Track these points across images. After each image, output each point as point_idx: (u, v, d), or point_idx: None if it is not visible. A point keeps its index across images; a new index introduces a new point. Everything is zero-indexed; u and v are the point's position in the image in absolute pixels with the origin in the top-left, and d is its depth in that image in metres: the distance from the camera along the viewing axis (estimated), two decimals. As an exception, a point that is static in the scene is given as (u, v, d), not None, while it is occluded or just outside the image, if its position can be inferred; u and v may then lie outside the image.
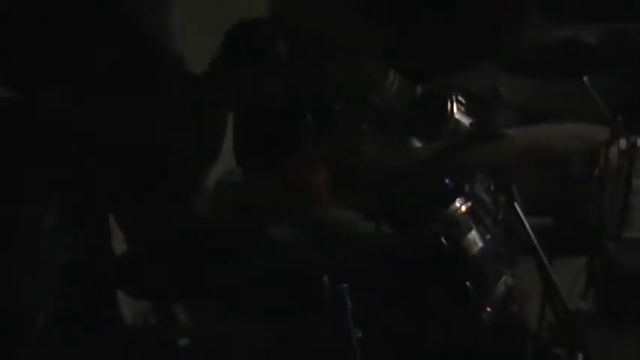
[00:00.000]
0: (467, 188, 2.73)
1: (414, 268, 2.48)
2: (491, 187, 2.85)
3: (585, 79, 2.92)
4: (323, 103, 3.30)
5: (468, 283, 2.46)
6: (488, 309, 2.54)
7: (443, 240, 2.46)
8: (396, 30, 3.42)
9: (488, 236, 2.64)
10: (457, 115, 3.10)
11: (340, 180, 2.99)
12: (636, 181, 3.78)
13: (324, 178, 2.99)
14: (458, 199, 2.61)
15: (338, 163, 3.04)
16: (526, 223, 2.24)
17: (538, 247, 2.21)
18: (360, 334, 2.18)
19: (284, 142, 3.28)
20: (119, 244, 2.90)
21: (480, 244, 2.56)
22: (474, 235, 2.56)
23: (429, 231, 2.51)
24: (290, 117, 3.26)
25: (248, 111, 3.36)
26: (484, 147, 2.29)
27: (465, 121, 3.06)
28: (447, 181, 2.72)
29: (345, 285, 2.16)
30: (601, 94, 3.08)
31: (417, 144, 3.07)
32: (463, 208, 2.59)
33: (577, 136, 2.20)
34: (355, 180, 3.00)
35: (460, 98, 3.14)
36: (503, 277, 2.58)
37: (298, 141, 3.18)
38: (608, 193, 3.60)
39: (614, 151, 3.53)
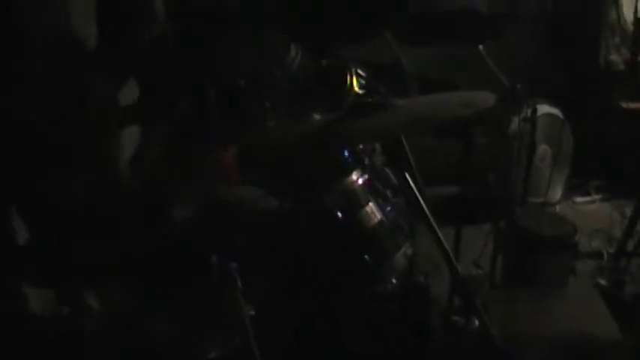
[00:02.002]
0: (366, 160, 2.72)
1: (312, 244, 2.47)
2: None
3: (481, 47, 2.93)
4: (226, 79, 3.27)
5: (366, 256, 2.46)
6: (394, 280, 2.55)
7: (338, 213, 2.44)
8: (297, 4, 3.39)
9: (388, 208, 2.63)
10: (357, 89, 3.10)
11: (244, 156, 2.98)
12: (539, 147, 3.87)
13: (230, 154, 2.98)
14: (355, 172, 2.59)
15: (243, 139, 3.03)
16: (417, 192, 2.23)
17: (430, 216, 2.21)
18: (253, 312, 2.17)
19: (190, 119, 3.25)
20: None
21: (379, 216, 2.55)
22: (371, 207, 2.55)
23: (324, 204, 2.49)
24: (194, 93, 3.22)
25: (152, 87, 3.32)
26: (371, 117, 2.27)
27: (366, 94, 3.06)
28: (345, 153, 2.71)
29: (235, 264, 2.14)
30: (499, 62, 3.12)
31: (317, 117, 3.07)
32: (360, 181, 2.57)
33: (461, 103, 2.20)
34: (258, 156, 2.98)
35: (360, 72, 3.14)
36: (403, 249, 2.58)
37: (203, 117, 3.15)
38: (512, 160, 3.67)
39: (515, 118, 3.59)
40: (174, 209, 2.73)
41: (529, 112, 3.36)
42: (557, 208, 4.33)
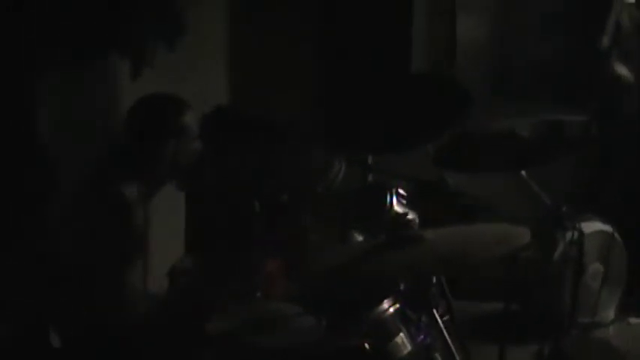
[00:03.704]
0: (402, 287, 2.68)
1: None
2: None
3: (523, 172, 2.89)
4: (270, 193, 3.28)
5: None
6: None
7: (366, 345, 2.40)
8: (344, 118, 3.40)
9: (421, 337, 2.58)
10: (397, 208, 3.08)
11: (284, 272, 2.97)
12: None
13: (271, 269, 2.97)
14: (386, 300, 2.56)
15: (284, 254, 3.03)
16: (444, 330, 2.19)
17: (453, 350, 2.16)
18: None
19: (234, 231, 3.25)
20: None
21: (409, 348, 2.50)
22: (401, 337, 2.50)
23: (354, 333, 2.46)
24: (240, 206, 3.23)
25: (198, 199, 3.35)
26: (400, 252, 2.25)
27: (406, 213, 3.04)
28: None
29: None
30: (543, 185, 3.06)
31: (358, 236, 3.06)
32: (391, 310, 2.53)
33: (494, 241, 2.16)
34: (298, 272, 2.97)
35: (401, 191, 3.13)
36: (434, 380, 2.52)
37: (247, 231, 3.16)
38: (560, 280, 3.58)
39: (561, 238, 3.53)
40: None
41: (575, 233, 3.28)
42: (610, 329, 4.18)
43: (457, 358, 2.24)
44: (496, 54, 4.64)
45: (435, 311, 2.27)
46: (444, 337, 2.27)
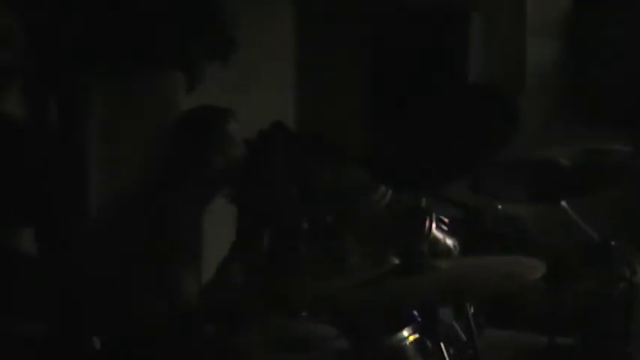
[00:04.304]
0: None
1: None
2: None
3: (564, 203, 2.80)
4: (318, 213, 3.27)
5: None
6: None
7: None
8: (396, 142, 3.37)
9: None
10: (436, 233, 3.02)
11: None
12: None
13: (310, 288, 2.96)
14: (407, 328, 2.51)
15: (327, 275, 3.01)
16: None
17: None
18: None
19: (281, 247, 3.26)
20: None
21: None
22: (419, 368, 2.45)
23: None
24: (288, 223, 3.24)
25: (249, 213, 3.37)
26: (412, 279, 2.21)
27: (445, 239, 2.98)
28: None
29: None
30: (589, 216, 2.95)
31: (395, 259, 3.01)
32: (411, 338, 2.48)
33: (505, 275, 2.10)
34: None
35: (442, 217, 3.07)
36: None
37: (293, 247, 3.16)
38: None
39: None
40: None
41: (629, 270, 3.13)
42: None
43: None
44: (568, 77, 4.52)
45: (442, 345, 2.20)
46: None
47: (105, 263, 2.91)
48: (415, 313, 2.60)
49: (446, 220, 3.08)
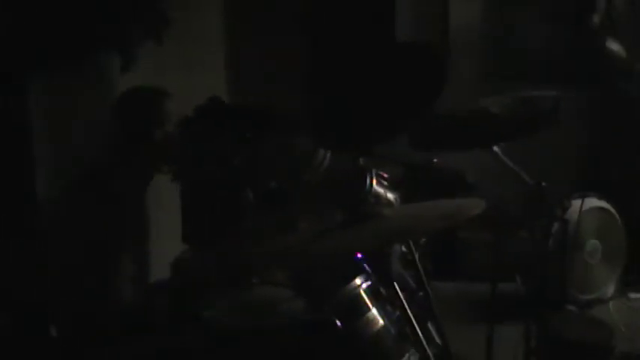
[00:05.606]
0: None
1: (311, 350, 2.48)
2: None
3: (496, 148, 2.92)
4: (261, 181, 3.34)
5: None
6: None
7: (336, 321, 2.45)
8: (330, 104, 3.46)
9: (397, 313, 2.61)
10: (377, 189, 3.11)
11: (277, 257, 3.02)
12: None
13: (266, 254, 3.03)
14: (359, 277, 2.60)
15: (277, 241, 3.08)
16: (403, 299, 2.24)
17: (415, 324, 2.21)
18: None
19: (226, 219, 3.32)
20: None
21: (381, 323, 2.54)
22: (373, 314, 2.54)
23: (328, 311, 2.51)
24: (232, 193, 3.30)
25: (192, 189, 3.42)
26: (357, 227, 2.31)
27: (386, 193, 3.07)
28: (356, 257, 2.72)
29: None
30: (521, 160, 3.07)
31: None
32: (363, 286, 2.57)
33: (442, 215, 2.22)
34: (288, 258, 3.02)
35: (381, 173, 3.16)
36: (407, 355, 2.55)
37: (240, 217, 3.22)
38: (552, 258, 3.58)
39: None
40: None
41: (561, 210, 3.29)
42: (610, 305, 4.18)
43: (419, 332, 2.28)
44: (489, 36, 4.65)
45: (395, 284, 2.30)
46: (406, 311, 2.31)
47: (55, 248, 2.95)
48: (366, 266, 2.70)
49: (385, 175, 3.18)
